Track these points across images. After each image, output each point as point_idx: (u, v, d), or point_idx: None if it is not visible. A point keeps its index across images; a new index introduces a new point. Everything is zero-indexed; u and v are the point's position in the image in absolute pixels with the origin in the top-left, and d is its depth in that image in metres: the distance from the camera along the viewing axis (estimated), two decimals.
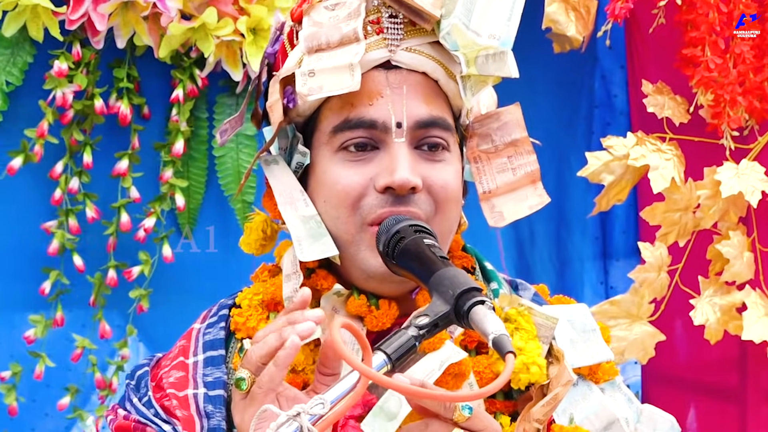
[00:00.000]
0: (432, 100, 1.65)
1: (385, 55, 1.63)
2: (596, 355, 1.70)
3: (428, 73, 1.65)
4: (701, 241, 2.69)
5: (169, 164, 2.71)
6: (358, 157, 1.63)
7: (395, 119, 1.62)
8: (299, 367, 1.62)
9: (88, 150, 2.68)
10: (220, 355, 1.67)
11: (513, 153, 1.74)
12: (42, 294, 2.68)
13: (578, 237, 3.07)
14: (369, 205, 1.62)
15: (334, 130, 1.63)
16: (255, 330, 1.66)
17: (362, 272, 1.64)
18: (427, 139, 1.64)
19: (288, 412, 1.32)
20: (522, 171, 1.74)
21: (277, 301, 1.68)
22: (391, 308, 1.65)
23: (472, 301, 1.43)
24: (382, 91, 1.63)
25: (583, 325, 1.71)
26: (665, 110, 2.65)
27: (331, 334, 1.35)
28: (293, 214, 1.64)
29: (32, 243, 2.70)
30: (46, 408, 2.73)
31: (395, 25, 1.64)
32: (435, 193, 1.63)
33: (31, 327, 2.66)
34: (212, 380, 1.64)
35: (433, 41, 1.65)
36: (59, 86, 2.62)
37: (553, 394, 1.56)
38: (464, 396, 1.52)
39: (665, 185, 2.59)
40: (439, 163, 1.65)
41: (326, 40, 1.62)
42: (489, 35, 1.63)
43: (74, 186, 2.67)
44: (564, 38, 2.74)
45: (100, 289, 2.71)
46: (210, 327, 1.72)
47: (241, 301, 1.71)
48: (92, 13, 2.58)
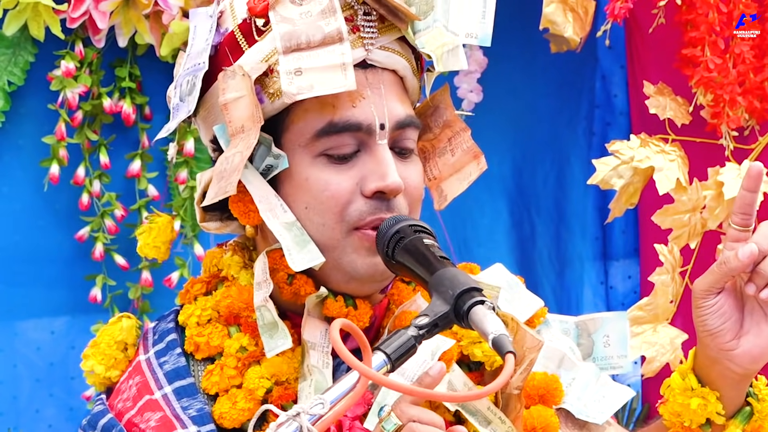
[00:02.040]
0: (403, 99, 1.63)
1: (362, 54, 1.59)
2: (531, 307, 1.72)
3: (398, 71, 1.63)
4: (707, 242, 2.69)
5: (182, 165, 2.71)
6: (341, 161, 1.59)
7: (379, 120, 1.59)
8: (283, 378, 1.59)
9: (103, 151, 2.68)
10: (190, 384, 1.59)
11: (451, 135, 1.73)
12: (93, 302, 2.68)
13: (578, 237, 3.08)
14: (357, 210, 1.58)
15: (317, 134, 1.58)
16: (219, 348, 1.61)
17: (345, 275, 1.61)
18: (403, 141, 1.62)
19: (288, 412, 1.32)
20: (459, 149, 1.72)
21: (236, 313, 1.63)
22: (366, 306, 1.63)
23: (472, 301, 1.42)
24: (363, 92, 1.59)
25: (507, 282, 1.72)
26: (667, 111, 2.65)
27: (331, 335, 1.35)
28: (276, 222, 1.58)
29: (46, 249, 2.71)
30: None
31: (370, 23, 1.60)
32: (410, 194, 1.62)
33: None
34: (197, 414, 1.57)
35: (400, 37, 1.63)
36: (67, 86, 2.62)
37: (528, 361, 1.56)
38: (465, 396, 1.52)
39: (670, 186, 2.59)
40: (409, 164, 1.64)
41: (306, 39, 1.57)
42: (466, 34, 1.64)
43: (96, 189, 2.68)
44: (561, 39, 2.74)
45: (138, 290, 2.70)
46: (162, 355, 1.63)
47: (186, 321, 1.64)
48: (93, 11, 2.58)
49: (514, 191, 3.07)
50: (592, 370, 1.74)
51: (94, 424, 1.61)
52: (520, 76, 3.07)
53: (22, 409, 2.71)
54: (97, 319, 2.67)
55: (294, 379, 1.59)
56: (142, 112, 2.73)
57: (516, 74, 3.06)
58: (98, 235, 2.67)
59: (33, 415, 2.71)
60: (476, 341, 1.63)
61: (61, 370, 2.74)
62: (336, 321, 1.35)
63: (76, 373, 2.73)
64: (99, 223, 2.68)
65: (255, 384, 1.58)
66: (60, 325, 2.73)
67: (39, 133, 2.66)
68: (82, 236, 2.67)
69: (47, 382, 2.73)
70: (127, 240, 2.71)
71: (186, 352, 1.63)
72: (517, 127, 3.07)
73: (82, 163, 2.67)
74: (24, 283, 2.71)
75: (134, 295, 2.70)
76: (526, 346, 1.57)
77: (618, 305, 3.09)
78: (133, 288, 2.70)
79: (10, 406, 2.70)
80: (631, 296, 3.10)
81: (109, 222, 2.67)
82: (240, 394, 1.57)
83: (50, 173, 2.63)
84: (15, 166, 2.68)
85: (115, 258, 2.68)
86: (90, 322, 2.69)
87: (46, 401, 2.73)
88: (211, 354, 1.61)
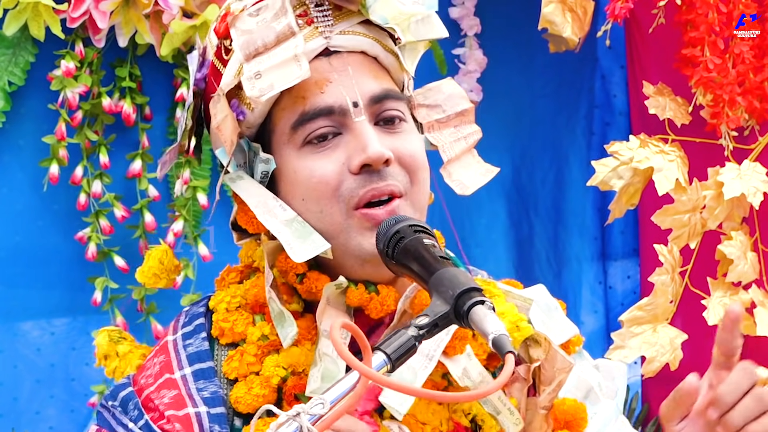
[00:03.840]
0: (378, 75, 1.67)
1: (321, 42, 1.64)
2: (566, 332, 1.75)
3: (367, 51, 1.67)
4: (707, 242, 2.69)
5: (185, 165, 2.71)
6: (324, 146, 1.63)
7: (350, 99, 1.63)
8: (299, 368, 1.63)
9: (103, 150, 2.68)
10: (209, 367, 1.65)
11: (459, 123, 1.77)
12: (95, 305, 2.68)
13: (576, 237, 3.08)
14: (348, 189, 1.62)
15: (293, 126, 1.63)
16: (243, 335, 1.66)
17: (357, 258, 1.64)
18: (384, 113, 1.65)
19: (288, 412, 1.33)
20: (471, 139, 1.77)
21: (262, 302, 1.67)
22: (390, 291, 1.66)
23: (472, 301, 1.43)
24: (329, 77, 1.64)
25: (546, 305, 1.75)
26: (667, 112, 2.66)
27: (331, 335, 1.35)
28: (274, 221, 1.62)
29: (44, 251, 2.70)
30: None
31: (323, 13, 1.65)
32: (406, 163, 1.65)
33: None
34: (210, 396, 1.62)
35: (363, 20, 1.67)
36: (68, 86, 2.62)
37: (557, 381, 1.62)
38: (465, 396, 1.52)
39: (670, 187, 2.59)
40: (400, 134, 1.66)
41: (262, 42, 1.62)
42: (413, 2, 1.68)
43: (97, 189, 2.68)
44: (560, 39, 2.74)
45: (141, 292, 2.70)
46: (188, 338, 1.69)
47: (216, 306, 1.70)
48: (93, 10, 2.58)
49: (512, 191, 3.07)
50: (613, 408, 1.77)
51: (115, 395, 1.67)
52: (519, 76, 3.07)
53: (23, 410, 2.70)
54: (97, 320, 2.67)
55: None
56: (142, 112, 2.73)
57: (515, 74, 3.07)
58: (92, 235, 2.66)
59: (33, 417, 2.71)
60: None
61: (62, 371, 2.73)
62: (336, 321, 1.35)
63: (76, 375, 2.73)
64: (94, 224, 2.67)
65: (270, 372, 1.62)
66: (60, 326, 2.73)
67: (39, 133, 2.65)
68: (82, 237, 2.67)
69: (48, 383, 2.73)
70: (129, 241, 2.71)
71: (211, 337, 1.68)
72: (516, 127, 3.07)
73: (80, 163, 2.67)
74: (24, 284, 2.70)
75: (138, 296, 2.70)
76: (557, 366, 1.63)
77: (617, 305, 3.10)
78: (136, 290, 2.70)
79: (11, 407, 2.69)
80: (630, 296, 3.10)
81: (104, 222, 2.67)
82: (256, 381, 1.62)
83: (50, 173, 2.63)
84: (15, 166, 2.68)
85: (114, 260, 2.68)
86: (91, 323, 2.68)
87: (46, 402, 2.72)
88: (234, 340, 1.66)
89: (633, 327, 2.64)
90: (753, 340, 2.68)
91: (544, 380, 1.67)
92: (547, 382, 1.65)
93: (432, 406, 1.63)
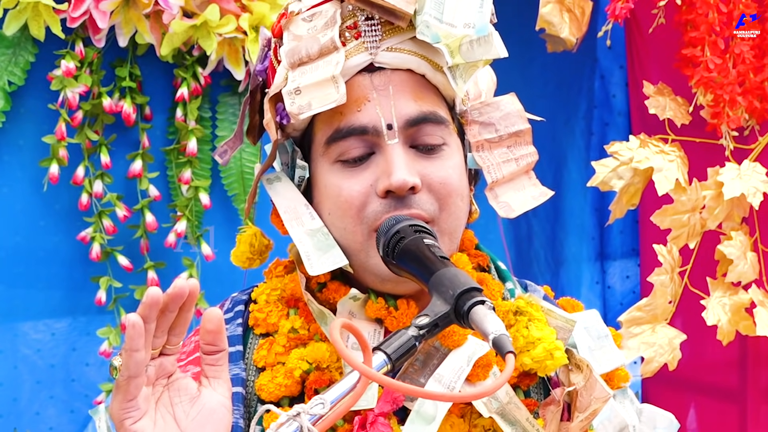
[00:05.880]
0: (421, 96, 1.64)
1: (366, 58, 1.62)
2: (612, 362, 1.72)
3: (414, 69, 1.64)
4: (706, 242, 2.69)
5: (185, 165, 2.71)
6: (355, 165, 1.63)
7: (385, 121, 1.61)
8: (324, 364, 1.63)
9: (104, 150, 2.69)
10: (237, 351, 1.67)
11: (513, 143, 1.74)
12: (99, 304, 2.68)
13: (575, 237, 3.08)
14: (373, 212, 1.61)
15: (327, 141, 1.63)
16: (275, 326, 1.68)
17: (376, 277, 1.64)
18: (422, 138, 1.63)
19: (288, 412, 1.33)
20: (524, 162, 1.73)
21: (297, 297, 1.69)
22: (410, 307, 1.65)
23: (472, 301, 1.43)
24: (368, 95, 1.62)
25: (597, 331, 1.73)
26: (667, 111, 2.66)
27: (331, 335, 1.35)
28: (300, 230, 1.63)
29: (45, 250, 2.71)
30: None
31: (372, 27, 1.63)
32: (436, 190, 1.63)
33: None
34: (231, 376, 1.61)
35: (413, 37, 1.64)
36: (68, 86, 2.62)
37: (592, 410, 1.60)
38: (464, 396, 1.52)
39: (670, 187, 2.59)
40: (437, 159, 1.64)
41: (306, 53, 1.62)
42: (464, 24, 1.63)
43: (99, 189, 2.68)
44: (557, 39, 2.74)
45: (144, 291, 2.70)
46: (226, 323, 1.69)
47: (257, 297, 1.71)
48: (93, 10, 2.58)
49: None
50: None
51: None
52: (518, 76, 3.06)
53: (23, 410, 2.71)
54: (98, 321, 2.67)
55: (335, 367, 1.63)
56: (142, 112, 2.73)
57: (514, 74, 3.05)
58: (95, 235, 2.66)
59: (33, 417, 2.71)
60: (523, 350, 1.62)
61: (62, 371, 2.74)
62: (336, 321, 1.36)
63: (76, 375, 2.73)
64: (97, 224, 2.67)
65: (294, 364, 1.63)
66: (61, 327, 2.73)
67: (39, 133, 2.66)
68: (84, 237, 2.67)
69: (48, 383, 2.73)
70: (131, 241, 2.71)
71: (248, 325, 1.70)
72: None
73: (81, 163, 2.67)
74: (24, 285, 2.70)
75: (140, 295, 2.70)
76: (594, 395, 1.61)
77: (616, 305, 3.09)
78: (139, 289, 2.70)
79: (11, 407, 2.70)
80: (629, 296, 3.10)
81: (107, 222, 2.67)
82: (281, 371, 1.64)
83: (50, 173, 2.63)
84: (15, 166, 2.68)
85: (118, 259, 2.68)
86: (91, 324, 2.69)
87: (46, 403, 2.73)
88: (268, 330, 1.69)
89: (632, 327, 2.64)
90: (753, 340, 2.69)
91: (579, 407, 1.64)
92: (582, 408, 1.62)
93: (451, 418, 1.61)
